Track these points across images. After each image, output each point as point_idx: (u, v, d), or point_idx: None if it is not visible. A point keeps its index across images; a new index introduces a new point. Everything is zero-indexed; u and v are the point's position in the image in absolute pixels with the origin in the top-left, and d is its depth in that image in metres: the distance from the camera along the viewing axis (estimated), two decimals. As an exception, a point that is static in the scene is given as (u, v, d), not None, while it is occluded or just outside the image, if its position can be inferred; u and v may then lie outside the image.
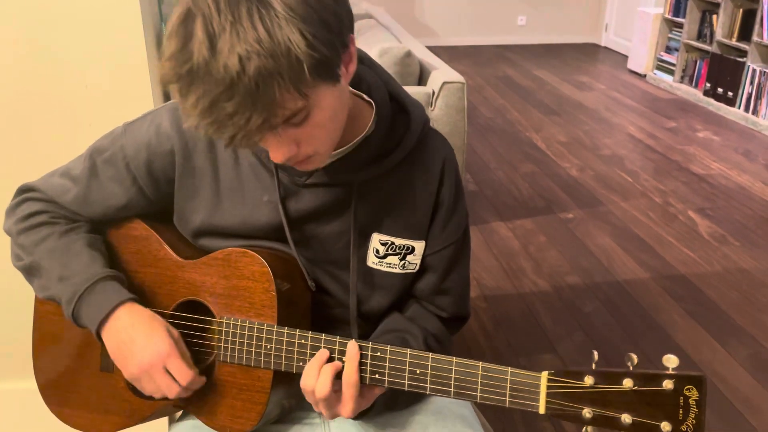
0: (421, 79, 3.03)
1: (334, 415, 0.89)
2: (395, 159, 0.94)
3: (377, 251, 0.98)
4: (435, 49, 6.75)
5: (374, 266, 0.99)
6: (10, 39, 1.43)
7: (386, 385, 0.85)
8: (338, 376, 0.86)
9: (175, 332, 0.95)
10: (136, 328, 0.93)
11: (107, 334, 0.95)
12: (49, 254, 0.98)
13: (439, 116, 2.83)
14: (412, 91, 2.80)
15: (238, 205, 0.96)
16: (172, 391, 0.91)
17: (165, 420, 1.64)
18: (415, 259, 1.00)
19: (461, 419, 1.05)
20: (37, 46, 1.45)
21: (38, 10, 1.42)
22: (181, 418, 1.09)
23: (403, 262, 1.00)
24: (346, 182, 0.94)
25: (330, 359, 0.87)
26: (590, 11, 7.53)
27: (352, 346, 0.86)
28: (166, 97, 1.72)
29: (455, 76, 2.85)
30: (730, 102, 5.01)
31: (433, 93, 2.81)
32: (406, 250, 0.99)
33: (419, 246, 1.00)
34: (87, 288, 0.95)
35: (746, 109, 4.86)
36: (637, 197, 3.57)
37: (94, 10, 1.44)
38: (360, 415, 0.94)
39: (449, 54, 6.87)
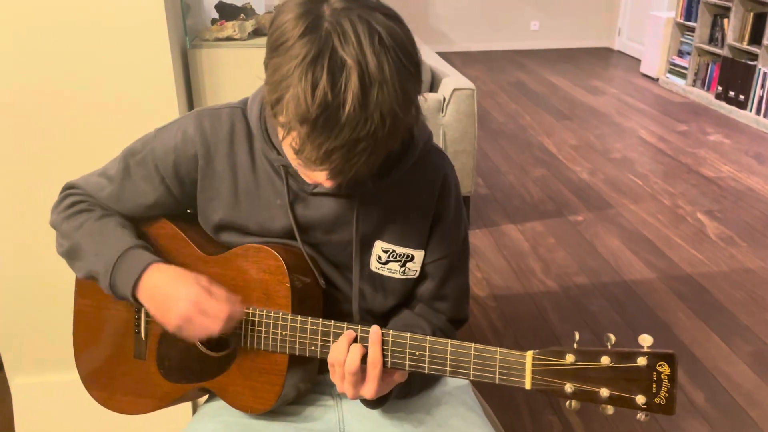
0: (433, 86, 3.12)
1: (357, 395, 0.95)
2: (396, 175, 1.03)
3: (379, 257, 1.07)
4: (448, 55, 6.84)
5: (377, 271, 1.08)
6: (46, 58, 1.55)
7: (389, 366, 0.94)
8: (362, 360, 0.93)
9: (204, 278, 1.01)
10: (167, 284, 1.01)
11: (144, 298, 1.03)
12: (87, 236, 1.08)
13: (449, 122, 2.92)
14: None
15: (255, 207, 1.05)
16: (215, 328, 0.98)
17: (188, 405, 1.75)
18: (414, 266, 1.09)
19: (463, 403, 1.14)
20: (74, 63, 1.56)
21: (73, 26, 1.54)
22: (207, 401, 1.19)
23: (403, 268, 1.08)
24: (348, 194, 1.02)
25: (355, 339, 0.95)
26: (603, 15, 7.58)
27: (375, 331, 0.93)
28: (190, 105, 1.83)
29: (465, 83, 2.93)
30: (742, 105, 5.05)
31: (444, 99, 2.90)
32: (406, 258, 1.07)
33: (419, 254, 1.08)
34: (119, 257, 1.04)
35: (758, 112, 4.90)
36: (646, 200, 3.63)
37: (123, 26, 1.56)
38: (378, 402, 1.03)
39: (463, 59, 6.94)
